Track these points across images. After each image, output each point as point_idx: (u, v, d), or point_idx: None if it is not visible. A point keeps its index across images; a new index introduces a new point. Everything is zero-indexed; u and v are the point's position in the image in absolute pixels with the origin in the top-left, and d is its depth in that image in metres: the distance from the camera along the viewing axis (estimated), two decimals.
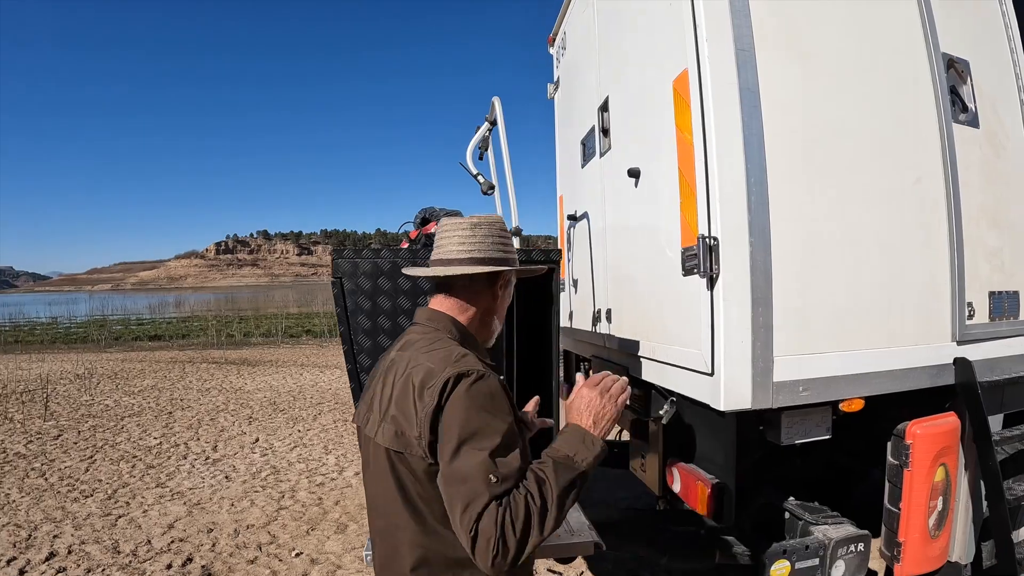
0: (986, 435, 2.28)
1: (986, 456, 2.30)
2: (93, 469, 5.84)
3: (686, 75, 2.07)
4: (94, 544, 4.13)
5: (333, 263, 2.33)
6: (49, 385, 10.74)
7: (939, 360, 2.28)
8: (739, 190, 1.94)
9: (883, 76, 2.24)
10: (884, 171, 2.21)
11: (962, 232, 2.30)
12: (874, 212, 2.19)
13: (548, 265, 2.25)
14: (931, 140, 2.29)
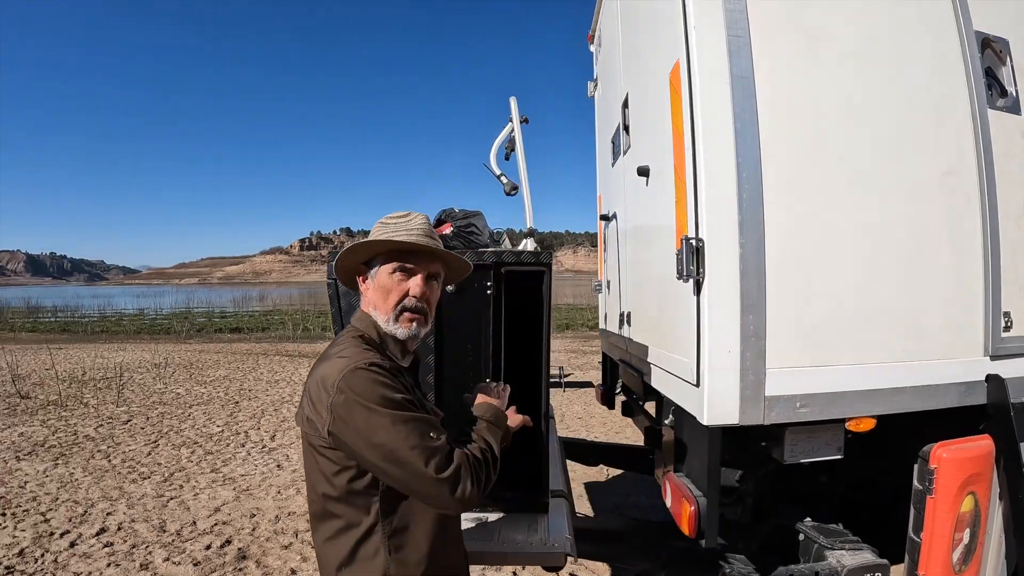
0: (1017, 463, 2.03)
1: (1016, 487, 2.05)
2: (155, 453, 6.22)
3: (678, 66, 1.96)
4: (143, 523, 4.39)
5: (328, 264, 2.35)
6: (126, 373, 11.50)
7: (968, 377, 2.04)
8: (727, 187, 1.81)
9: (904, 58, 2.02)
10: (907, 163, 2.01)
11: (998, 232, 2.04)
12: (894, 209, 1.99)
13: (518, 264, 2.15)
14: (963, 129, 2.05)
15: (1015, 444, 2.07)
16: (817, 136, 1.94)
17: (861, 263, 1.95)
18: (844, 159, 1.95)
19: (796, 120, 1.91)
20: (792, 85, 1.92)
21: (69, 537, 4.18)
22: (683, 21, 1.90)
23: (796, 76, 1.93)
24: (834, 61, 1.95)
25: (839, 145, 1.95)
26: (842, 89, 1.97)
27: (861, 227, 1.95)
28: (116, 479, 5.41)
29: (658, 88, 2.26)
